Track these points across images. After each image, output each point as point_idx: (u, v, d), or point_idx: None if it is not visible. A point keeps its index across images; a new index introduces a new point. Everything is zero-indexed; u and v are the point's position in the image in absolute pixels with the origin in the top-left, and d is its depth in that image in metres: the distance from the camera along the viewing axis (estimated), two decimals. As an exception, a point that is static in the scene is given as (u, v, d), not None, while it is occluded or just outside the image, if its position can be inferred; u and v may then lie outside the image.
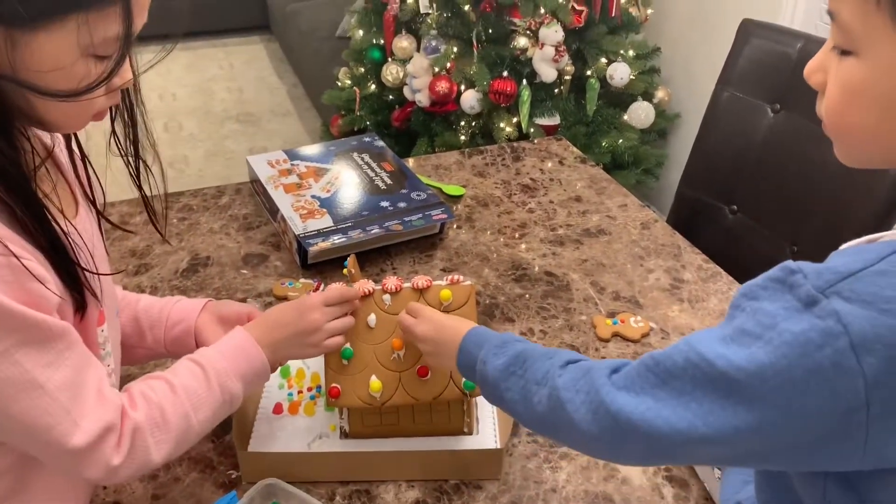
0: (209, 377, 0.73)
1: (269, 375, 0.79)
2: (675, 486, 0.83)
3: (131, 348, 0.87)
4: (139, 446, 0.67)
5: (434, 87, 2.00)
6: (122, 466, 0.66)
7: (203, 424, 0.73)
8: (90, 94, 0.61)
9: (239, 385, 0.75)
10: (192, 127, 3.34)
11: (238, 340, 0.78)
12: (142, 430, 0.67)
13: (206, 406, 0.72)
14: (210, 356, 0.75)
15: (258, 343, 0.77)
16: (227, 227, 1.27)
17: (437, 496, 0.82)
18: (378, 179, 1.30)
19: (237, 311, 0.89)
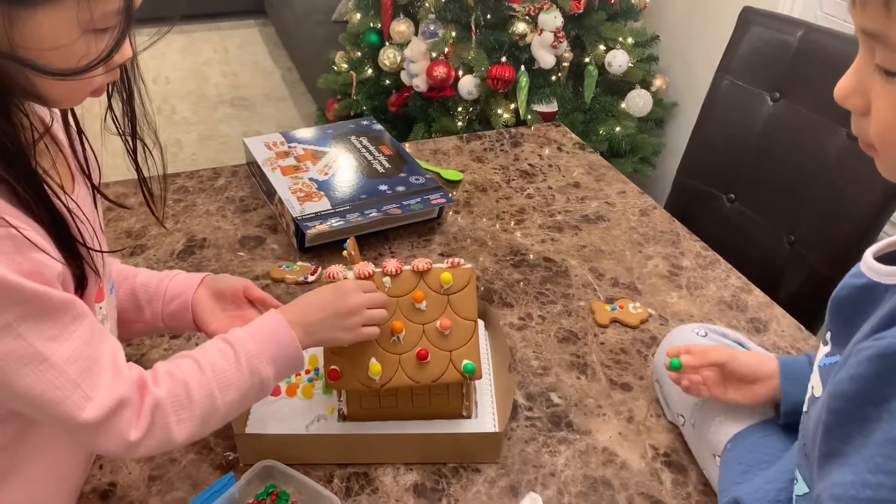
0: (239, 358, 0.71)
1: (304, 361, 0.77)
2: (673, 471, 0.83)
3: (129, 323, 0.86)
4: (159, 423, 0.66)
5: (432, 72, 1.98)
6: (141, 442, 0.65)
7: (230, 406, 0.71)
8: (90, 73, 0.60)
9: (270, 369, 0.73)
10: (186, 111, 3.31)
11: (270, 323, 0.75)
12: (163, 407, 0.66)
13: (234, 387, 0.70)
14: (241, 337, 0.73)
15: (291, 326, 0.75)
16: (223, 209, 1.26)
17: (436, 479, 0.82)
18: (376, 163, 1.29)
19: (233, 285, 0.88)
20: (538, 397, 0.92)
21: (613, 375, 0.96)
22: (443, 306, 0.84)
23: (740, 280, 1.13)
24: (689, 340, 0.89)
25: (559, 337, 1.02)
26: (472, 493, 0.80)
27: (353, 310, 0.79)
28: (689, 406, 0.83)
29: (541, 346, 1.00)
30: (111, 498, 0.80)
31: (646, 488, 0.81)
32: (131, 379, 0.66)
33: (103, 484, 0.81)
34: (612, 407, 0.91)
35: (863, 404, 0.47)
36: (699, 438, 0.81)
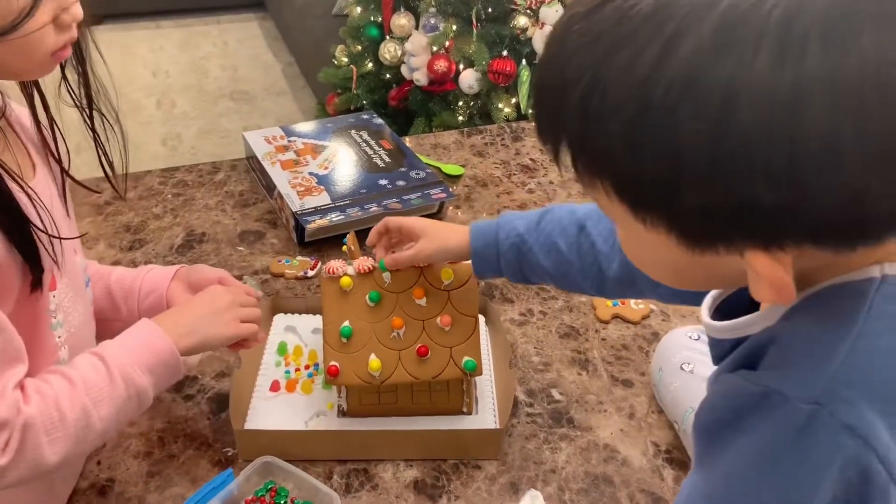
0: (111, 370, 0.68)
1: (182, 368, 0.74)
2: (675, 468, 0.83)
3: (108, 322, 0.84)
4: (30, 445, 0.62)
5: (432, 66, 1.97)
6: (8, 467, 0.61)
7: (106, 422, 0.67)
8: (24, 29, 0.58)
9: (147, 378, 0.70)
10: (186, 105, 3.30)
11: (142, 332, 0.73)
12: (33, 427, 0.62)
13: (109, 401, 0.67)
14: (112, 349, 0.70)
15: (166, 332, 0.73)
16: (222, 203, 1.25)
17: (436, 476, 0.82)
18: (376, 157, 1.28)
19: (207, 276, 0.86)
20: (539, 393, 0.92)
21: (615, 371, 0.95)
22: (443, 302, 0.84)
23: (742, 276, 1.12)
24: (682, 345, 0.88)
25: (560, 333, 1.01)
26: (473, 490, 0.80)
27: (225, 306, 0.78)
28: (681, 413, 0.83)
29: (542, 341, 0.99)
30: (109, 494, 0.79)
31: (647, 485, 0.81)
32: (12, 401, 0.61)
33: (101, 480, 0.81)
34: (613, 403, 0.91)
35: (721, 429, 0.47)
36: (690, 446, 0.81)
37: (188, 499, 0.76)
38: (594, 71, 0.39)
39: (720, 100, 0.36)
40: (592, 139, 0.41)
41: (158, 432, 0.86)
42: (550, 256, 0.75)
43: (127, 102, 3.26)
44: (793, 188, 0.37)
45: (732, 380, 0.47)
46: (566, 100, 0.41)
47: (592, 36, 0.40)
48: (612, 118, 0.39)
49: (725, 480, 0.47)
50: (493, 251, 0.77)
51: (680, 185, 0.38)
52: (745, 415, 0.45)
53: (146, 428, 0.86)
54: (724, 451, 0.46)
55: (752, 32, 0.35)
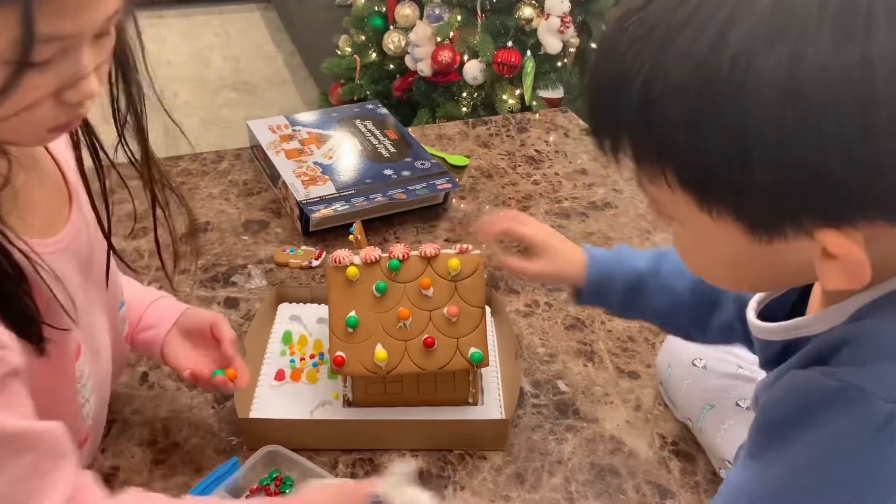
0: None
1: None
2: (682, 460, 0.82)
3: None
4: None
5: (436, 57, 1.96)
6: None
7: None
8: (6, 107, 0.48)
9: None
10: (188, 95, 3.29)
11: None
12: None
13: None
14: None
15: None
16: (226, 192, 1.25)
17: (442, 466, 0.81)
18: (381, 147, 1.27)
19: (200, 321, 0.80)
20: (545, 385, 0.91)
21: (621, 363, 0.95)
22: (450, 293, 0.83)
23: (749, 269, 1.12)
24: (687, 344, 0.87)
25: (566, 324, 1.00)
26: (479, 481, 0.80)
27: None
28: (696, 411, 0.81)
29: (547, 333, 0.99)
30: (114, 481, 0.79)
31: (654, 477, 0.80)
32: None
33: (106, 467, 0.80)
34: (619, 395, 0.90)
35: (788, 423, 0.47)
36: (708, 444, 0.80)
37: (193, 487, 0.75)
38: (653, 58, 0.39)
39: (785, 72, 0.36)
40: (656, 127, 0.40)
41: (163, 421, 0.85)
42: (663, 298, 0.74)
43: (129, 92, 3.25)
44: (865, 156, 0.36)
45: (805, 375, 0.46)
46: (626, 92, 0.41)
47: (648, 26, 0.40)
48: (675, 101, 0.39)
49: (792, 474, 0.46)
50: (607, 285, 0.76)
51: (748, 162, 0.38)
52: (817, 409, 0.44)
53: (151, 416, 0.86)
54: (791, 444, 0.46)
55: (812, 12, 0.36)
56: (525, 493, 0.78)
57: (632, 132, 0.42)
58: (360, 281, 0.83)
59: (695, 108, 0.38)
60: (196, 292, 1.04)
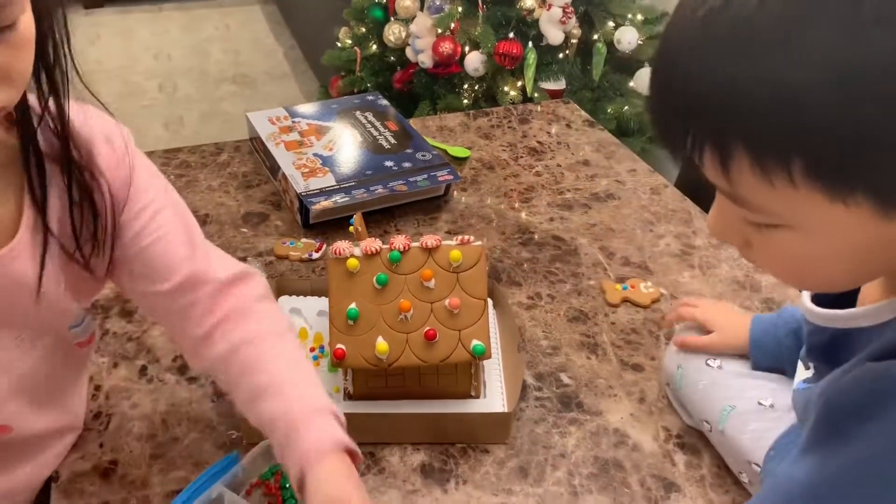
0: None
1: None
2: (687, 452, 0.81)
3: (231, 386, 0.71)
4: None
5: (437, 48, 1.95)
6: None
7: None
8: None
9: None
10: (188, 88, 3.28)
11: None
12: None
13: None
14: None
15: None
16: (226, 184, 1.24)
17: (444, 459, 0.80)
18: (382, 139, 1.26)
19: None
20: (548, 377, 0.90)
21: (624, 356, 0.94)
22: (452, 285, 0.82)
23: (753, 260, 1.10)
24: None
25: (569, 316, 0.99)
26: (481, 474, 0.79)
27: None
28: (716, 413, 0.78)
29: (550, 325, 0.98)
30: (112, 476, 0.78)
31: (658, 470, 0.79)
32: None
33: (104, 462, 0.79)
34: (623, 388, 0.89)
35: (853, 416, 0.46)
36: (731, 446, 0.76)
37: (192, 482, 0.74)
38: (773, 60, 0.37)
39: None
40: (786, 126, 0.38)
41: (162, 415, 0.84)
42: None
43: (129, 85, 3.24)
44: None
45: (881, 366, 0.45)
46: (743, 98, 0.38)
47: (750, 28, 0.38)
48: (813, 98, 0.37)
49: (855, 465, 0.45)
50: (771, 339, 0.78)
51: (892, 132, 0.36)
52: (891, 400, 0.43)
53: (149, 410, 0.85)
54: (857, 436, 0.45)
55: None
56: (528, 487, 0.77)
57: (749, 138, 0.39)
58: (360, 273, 0.82)
59: (837, 101, 0.36)
60: (195, 285, 1.03)
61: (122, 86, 3.21)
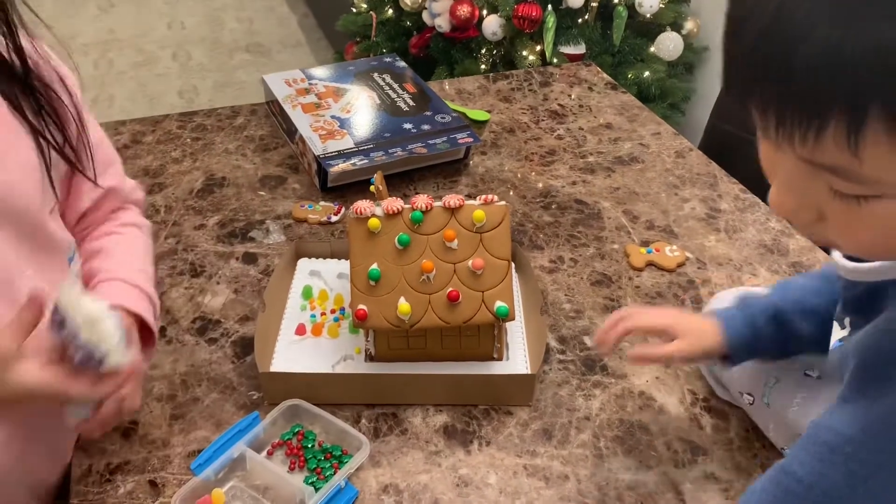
0: None
1: None
2: (714, 416, 0.80)
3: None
4: None
5: (455, 12, 1.91)
6: None
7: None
8: None
9: None
10: (201, 56, 3.25)
11: None
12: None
13: None
14: None
15: None
16: (242, 147, 1.22)
17: (466, 421, 0.79)
18: (400, 101, 1.24)
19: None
20: (571, 340, 0.89)
21: (649, 319, 0.92)
22: (475, 245, 0.80)
23: (780, 223, 1.08)
24: None
25: (592, 280, 0.98)
26: (504, 436, 0.78)
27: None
28: (759, 385, 0.75)
29: (573, 289, 0.96)
30: (133, 436, 0.78)
31: (685, 433, 0.78)
32: None
33: (124, 422, 0.79)
34: (648, 351, 0.88)
35: (886, 365, 0.45)
36: (777, 420, 0.74)
37: (214, 441, 0.74)
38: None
39: None
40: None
41: (182, 375, 0.84)
42: (807, 319, 0.69)
43: (142, 54, 3.22)
44: None
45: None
46: (877, 60, 0.35)
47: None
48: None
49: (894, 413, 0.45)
50: (749, 331, 0.71)
51: None
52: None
53: (169, 371, 0.84)
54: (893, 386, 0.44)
55: None
56: (552, 449, 0.76)
57: (891, 99, 0.36)
58: (381, 233, 0.80)
59: None
60: (214, 247, 1.02)
61: (136, 54, 3.19)
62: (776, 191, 0.45)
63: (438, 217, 0.81)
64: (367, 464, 0.74)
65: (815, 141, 0.38)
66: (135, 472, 0.74)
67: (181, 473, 0.74)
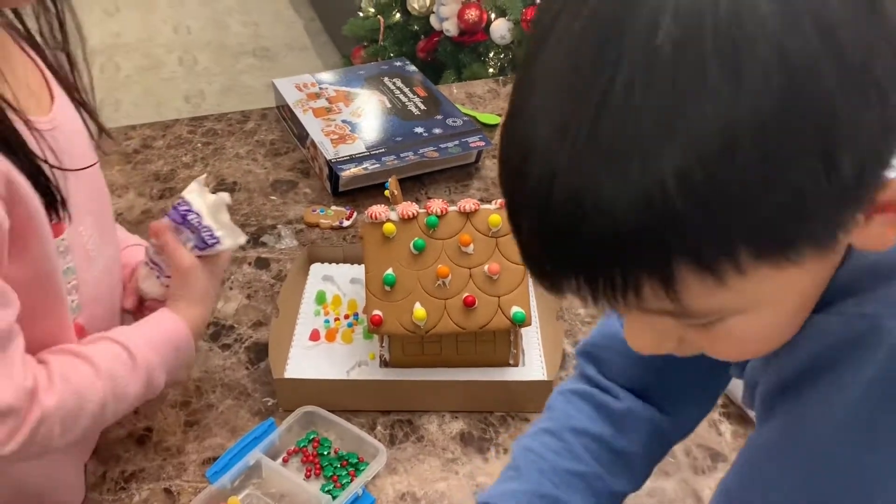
0: (138, 368, 0.65)
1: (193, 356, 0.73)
2: (733, 422, 0.79)
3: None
4: (41, 437, 0.58)
5: (463, 15, 1.90)
6: (15, 453, 0.57)
7: (118, 415, 0.66)
8: None
9: (164, 378, 0.68)
10: (207, 61, 3.25)
11: (170, 330, 0.69)
12: (49, 420, 0.58)
13: (130, 398, 0.65)
14: (140, 345, 0.66)
15: (190, 327, 0.70)
16: (253, 152, 1.22)
17: (483, 428, 0.79)
18: (411, 105, 1.23)
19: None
20: (587, 346, 0.88)
21: (665, 324, 0.91)
22: (491, 250, 0.80)
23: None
24: None
25: (607, 285, 0.97)
26: (522, 443, 0.77)
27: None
28: None
29: (588, 293, 0.95)
30: (147, 443, 0.77)
31: (704, 440, 0.77)
32: (23, 386, 0.57)
33: (139, 429, 0.79)
34: (664, 357, 0.87)
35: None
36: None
37: (229, 448, 0.74)
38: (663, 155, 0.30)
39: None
40: (729, 215, 0.31)
41: (196, 381, 0.83)
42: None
43: (148, 58, 3.22)
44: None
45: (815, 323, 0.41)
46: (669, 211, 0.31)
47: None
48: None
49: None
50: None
51: (835, 155, 0.31)
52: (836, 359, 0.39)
53: (183, 377, 0.84)
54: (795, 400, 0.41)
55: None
56: (570, 456, 0.76)
57: (692, 250, 0.32)
58: (396, 238, 0.80)
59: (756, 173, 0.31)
60: (225, 253, 1.01)
61: (141, 58, 3.19)
62: (630, 333, 0.42)
63: (454, 221, 0.80)
64: (384, 471, 0.74)
65: (637, 301, 0.34)
66: (150, 480, 0.74)
67: (196, 481, 0.73)
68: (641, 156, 0.30)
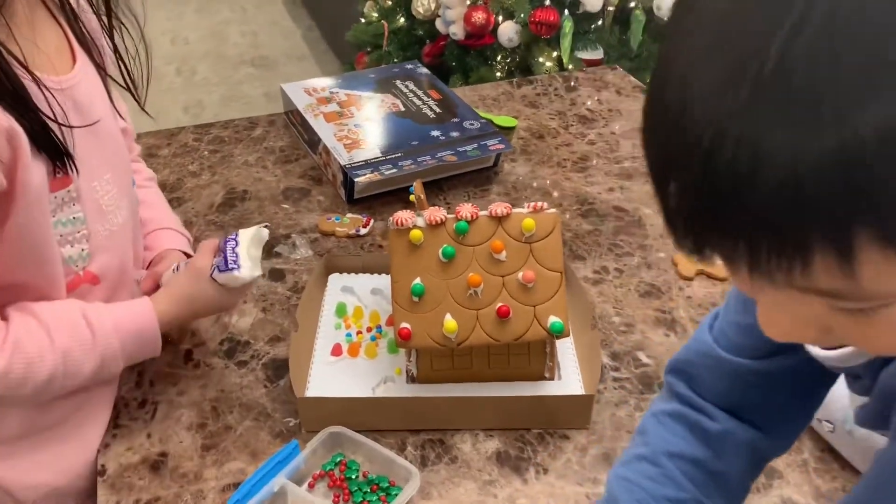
0: (96, 349, 0.67)
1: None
2: (787, 436, 0.74)
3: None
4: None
5: (469, 18, 1.86)
6: None
7: (65, 390, 0.67)
8: None
9: (121, 366, 0.70)
10: (206, 71, 3.21)
11: (141, 321, 0.70)
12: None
13: (80, 378, 0.67)
14: (106, 327, 0.67)
15: (162, 320, 0.71)
16: (262, 159, 1.17)
17: (520, 447, 0.74)
18: (426, 108, 1.19)
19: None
20: (625, 357, 0.83)
21: (705, 332, 0.86)
22: (525, 256, 0.75)
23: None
24: None
25: (640, 291, 0.92)
26: (563, 462, 0.72)
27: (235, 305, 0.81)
28: (841, 411, 0.69)
29: (621, 301, 0.91)
30: (162, 469, 0.72)
31: (757, 456, 0.72)
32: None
33: (153, 454, 0.73)
34: (707, 366, 0.82)
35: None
36: (860, 447, 0.68)
37: (252, 474, 0.68)
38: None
39: None
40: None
41: (211, 402, 0.78)
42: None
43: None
44: None
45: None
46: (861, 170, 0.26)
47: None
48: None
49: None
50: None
51: None
52: None
53: (198, 397, 0.79)
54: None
55: None
56: (615, 476, 0.71)
57: (882, 219, 0.28)
58: (424, 245, 0.75)
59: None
60: (238, 264, 0.96)
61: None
62: (764, 311, 0.37)
63: (484, 227, 0.76)
64: (417, 496, 0.69)
65: (801, 274, 0.30)
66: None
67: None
68: (837, 106, 0.26)
